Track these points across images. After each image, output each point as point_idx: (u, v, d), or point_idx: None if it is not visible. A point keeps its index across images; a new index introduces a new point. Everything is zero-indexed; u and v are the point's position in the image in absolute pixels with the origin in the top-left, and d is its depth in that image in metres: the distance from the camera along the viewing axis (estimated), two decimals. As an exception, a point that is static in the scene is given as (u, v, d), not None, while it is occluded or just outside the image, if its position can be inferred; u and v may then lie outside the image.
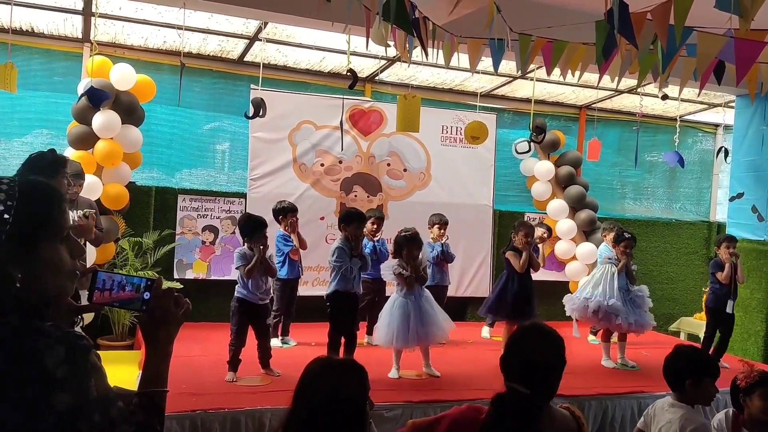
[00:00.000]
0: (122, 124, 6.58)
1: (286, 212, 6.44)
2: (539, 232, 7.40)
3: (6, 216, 1.38)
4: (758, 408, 3.23)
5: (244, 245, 5.45)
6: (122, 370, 5.20)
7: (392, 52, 6.50)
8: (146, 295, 1.63)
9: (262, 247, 5.25)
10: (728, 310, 6.74)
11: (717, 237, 7.93)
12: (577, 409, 2.21)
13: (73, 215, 4.61)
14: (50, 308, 1.61)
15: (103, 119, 6.43)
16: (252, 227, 5.34)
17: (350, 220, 5.55)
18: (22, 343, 1.34)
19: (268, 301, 5.50)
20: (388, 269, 5.69)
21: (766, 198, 7.64)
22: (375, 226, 6.72)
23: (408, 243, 5.59)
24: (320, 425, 1.96)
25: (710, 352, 6.39)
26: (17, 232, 1.39)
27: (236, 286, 5.39)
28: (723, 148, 8.34)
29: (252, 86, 7.38)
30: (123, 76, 6.59)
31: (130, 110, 6.70)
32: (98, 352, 1.46)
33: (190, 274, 7.47)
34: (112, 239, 6.58)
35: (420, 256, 5.70)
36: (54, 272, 1.46)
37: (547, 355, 2.18)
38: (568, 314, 6.71)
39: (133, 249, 6.84)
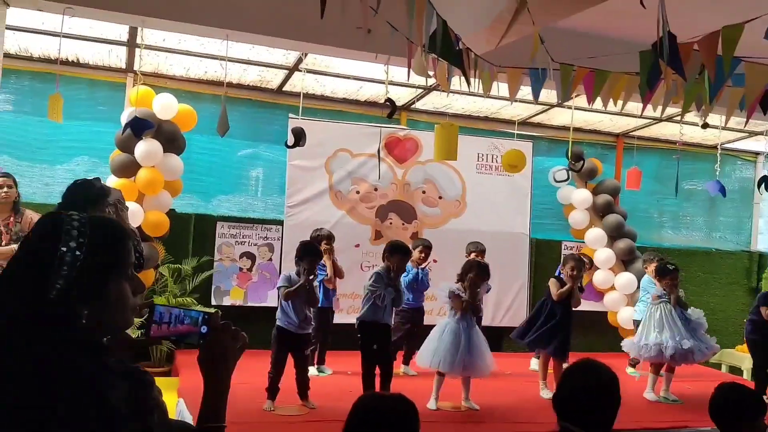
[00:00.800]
0: (164, 152, 6.70)
1: (320, 240, 6.46)
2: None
3: (78, 253, 1.40)
4: None
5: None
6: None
7: (430, 81, 6.54)
8: (203, 329, 1.64)
9: (307, 272, 5.23)
10: None
11: None
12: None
13: None
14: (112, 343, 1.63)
15: (145, 148, 6.55)
16: (304, 251, 5.34)
17: (395, 251, 5.54)
18: (87, 379, 1.34)
19: (309, 330, 5.46)
20: (443, 290, 5.66)
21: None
22: (423, 255, 6.71)
23: (477, 269, 5.58)
24: None
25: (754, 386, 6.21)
26: (88, 268, 1.40)
27: (277, 314, 5.35)
28: (765, 177, 8.18)
29: (290, 115, 7.47)
30: (165, 106, 6.72)
31: (171, 139, 6.82)
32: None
33: (227, 301, 7.52)
34: (152, 266, 6.66)
35: (480, 290, 5.67)
36: (121, 309, 1.47)
37: (603, 392, 2.13)
38: (634, 357, 6.53)
39: (173, 275, 6.92)
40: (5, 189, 5.29)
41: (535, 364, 7.46)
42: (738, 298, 9.89)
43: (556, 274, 6.69)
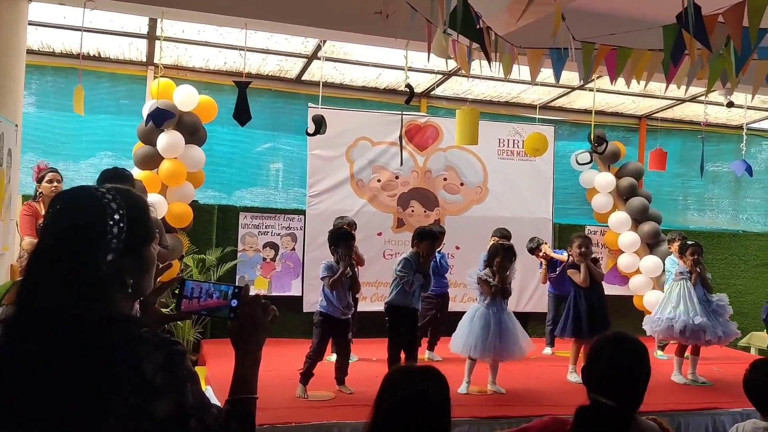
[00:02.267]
0: (185, 144, 6.74)
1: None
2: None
3: (122, 225, 1.44)
4: None
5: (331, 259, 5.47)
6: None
7: (450, 65, 6.51)
8: (234, 303, 1.64)
9: (346, 257, 5.28)
10: None
11: None
12: (665, 421, 2.13)
13: None
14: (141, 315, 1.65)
15: (168, 139, 6.59)
16: (337, 237, 5.39)
17: (424, 237, 5.57)
18: (123, 351, 1.35)
19: (350, 316, 5.49)
20: (472, 276, 5.66)
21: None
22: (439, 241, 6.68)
23: (503, 252, 5.57)
24: (409, 429, 1.93)
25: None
26: (131, 239, 1.45)
27: (320, 300, 5.40)
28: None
29: (310, 104, 7.48)
30: (186, 97, 6.76)
31: (193, 130, 6.85)
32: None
33: (252, 291, 7.47)
34: (176, 257, 6.72)
35: (510, 274, 5.65)
36: (151, 275, 1.54)
37: (634, 363, 2.11)
38: (649, 334, 6.46)
39: (197, 266, 6.98)
40: (55, 183, 5.51)
41: (548, 350, 7.45)
42: (767, 279, 9.75)
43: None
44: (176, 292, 1.66)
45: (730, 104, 7.38)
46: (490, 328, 5.39)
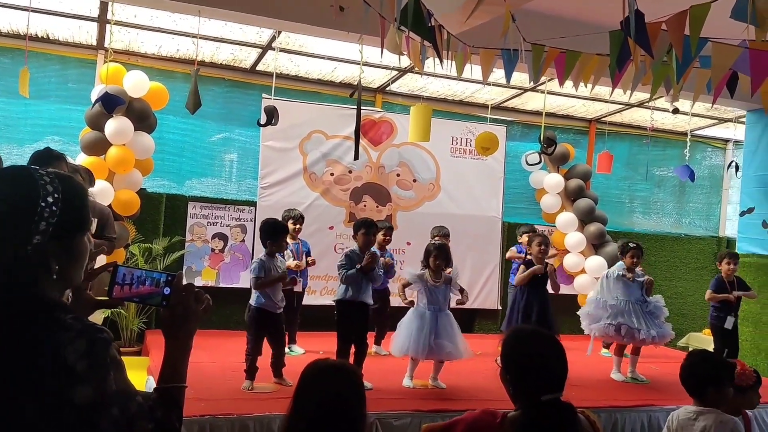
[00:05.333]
0: (135, 130, 6.62)
1: (287, 220, 6.49)
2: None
3: (54, 208, 1.40)
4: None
5: (262, 254, 5.40)
6: (130, 376, 5.17)
7: (405, 62, 6.54)
8: (166, 291, 1.63)
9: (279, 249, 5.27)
10: (727, 326, 6.72)
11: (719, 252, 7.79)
12: (592, 414, 2.18)
13: None
14: (71, 300, 1.63)
15: (116, 125, 6.47)
16: (271, 230, 5.32)
17: (356, 228, 5.59)
18: (44, 335, 1.33)
19: (282, 309, 5.45)
20: (409, 275, 5.73)
21: (777, 213, 7.61)
22: (386, 237, 6.69)
23: (435, 251, 5.62)
24: (319, 427, 1.97)
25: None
26: (62, 224, 1.42)
27: (254, 295, 5.30)
28: (734, 162, 8.35)
29: (264, 95, 7.43)
30: (136, 83, 6.64)
31: (142, 117, 6.74)
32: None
33: (199, 282, 7.48)
34: (122, 245, 6.60)
35: (452, 273, 5.70)
36: (81, 265, 1.50)
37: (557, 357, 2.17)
38: (587, 333, 6.59)
39: (143, 255, 6.87)
40: None
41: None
42: (706, 282, 9.93)
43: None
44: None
45: (676, 111, 7.60)
46: (425, 327, 5.43)
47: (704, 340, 8.84)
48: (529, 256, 6.42)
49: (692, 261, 10.08)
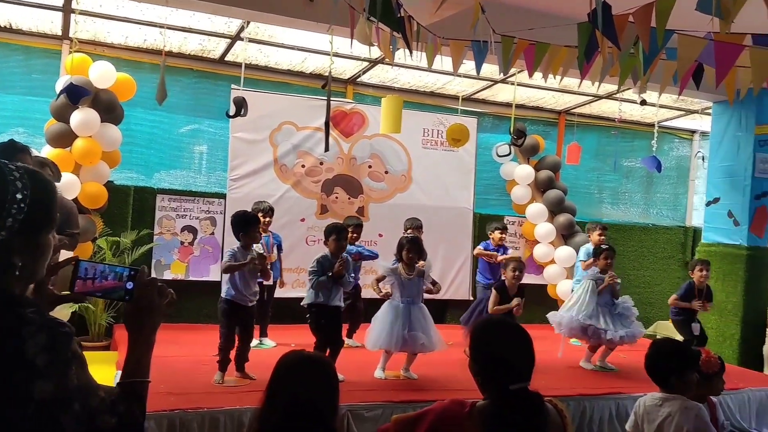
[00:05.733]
0: (101, 122, 6.51)
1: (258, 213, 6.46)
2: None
3: (23, 205, 1.39)
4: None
5: (235, 247, 5.34)
6: (99, 371, 5.08)
7: (375, 53, 6.52)
8: (129, 285, 1.61)
9: (257, 256, 5.19)
10: (695, 332, 6.84)
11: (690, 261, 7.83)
12: (559, 402, 2.21)
13: None
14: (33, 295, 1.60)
15: (82, 117, 6.35)
16: (242, 222, 5.26)
17: (326, 235, 5.53)
18: (5, 330, 1.31)
19: (255, 303, 5.41)
20: (383, 269, 5.73)
21: (742, 203, 7.76)
22: (354, 234, 6.62)
23: (408, 244, 5.63)
24: (292, 419, 1.96)
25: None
26: (29, 221, 1.40)
27: (224, 287, 5.26)
28: (700, 153, 8.50)
29: (233, 86, 7.35)
30: (103, 74, 6.52)
31: (109, 108, 6.62)
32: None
33: (168, 275, 7.40)
34: (89, 238, 6.50)
35: (425, 266, 5.70)
36: (44, 262, 1.48)
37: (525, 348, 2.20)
38: (557, 332, 6.64)
39: (111, 248, 6.77)
40: None
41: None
42: (673, 272, 10.24)
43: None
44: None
45: (643, 102, 7.70)
46: (398, 320, 5.45)
47: (671, 328, 8.97)
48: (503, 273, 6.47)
49: (659, 250, 10.23)
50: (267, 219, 6.50)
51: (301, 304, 5.55)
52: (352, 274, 5.76)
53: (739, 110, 7.76)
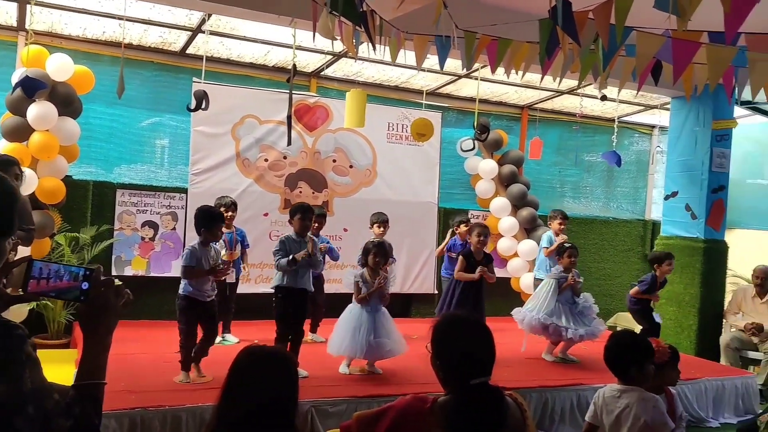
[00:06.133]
0: (59, 116, 6.36)
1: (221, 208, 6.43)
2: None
3: None
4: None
5: (195, 242, 5.27)
6: (57, 370, 4.98)
7: (338, 46, 6.49)
8: (85, 285, 1.58)
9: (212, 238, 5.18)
10: (658, 320, 7.01)
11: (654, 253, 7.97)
12: (519, 396, 2.23)
13: None
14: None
15: (39, 110, 6.20)
16: (205, 218, 5.18)
17: (291, 214, 5.53)
18: None
19: (214, 297, 5.34)
20: (349, 276, 5.70)
21: (699, 196, 7.92)
22: (316, 224, 6.59)
23: (375, 249, 5.62)
24: (250, 415, 1.94)
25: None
26: None
27: (182, 283, 5.17)
28: (659, 148, 8.66)
29: (194, 79, 7.25)
30: (60, 67, 6.37)
31: (67, 102, 6.48)
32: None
33: (129, 271, 7.29)
34: (47, 234, 6.36)
35: (389, 272, 5.70)
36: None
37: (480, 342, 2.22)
38: (520, 328, 6.70)
39: (70, 244, 6.64)
40: None
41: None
42: (633, 264, 10.43)
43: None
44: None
45: (604, 98, 7.80)
46: (363, 327, 5.44)
47: (631, 319, 9.15)
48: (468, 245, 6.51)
49: (620, 243, 10.41)
50: (230, 214, 6.44)
51: (270, 287, 5.55)
52: (320, 257, 5.75)
53: (697, 106, 7.92)
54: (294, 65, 5.60)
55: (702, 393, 6.14)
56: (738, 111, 8.68)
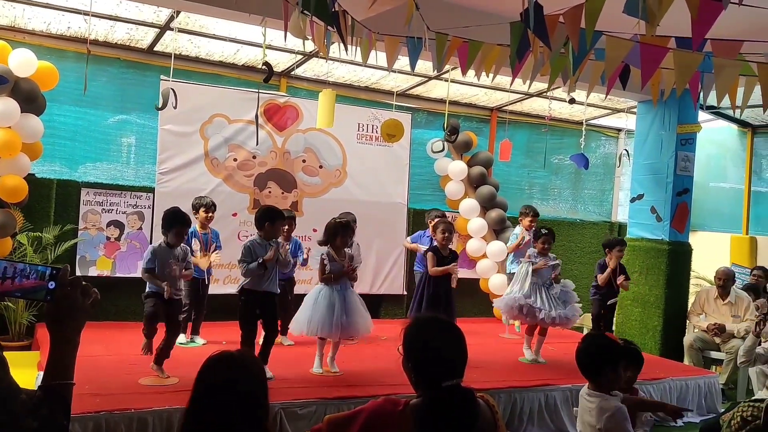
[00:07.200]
0: (21, 112, 6.23)
1: (198, 208, 6.39)
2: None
3: None
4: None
5: (159, 241, 5.19)
6: (19, 373, 4.88)
7: (309, 46, 6.46)
8: (51, 285, 1.55)
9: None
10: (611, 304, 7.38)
11: (608, 238, 8.18)
12: (491, 398, 2.24)
13: None
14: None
15: (0, 106, 6.06)
16: (176, 221, 5.10)
17: (260, 219, 5.39)
18: None
19: (181, 296, 5.27)
20: (315, 258, 5.68)
21: (664, 199, 8.05)
22: (285, 227, 6.54)
23: (342, 229, 5.58)
24: (220, 418, 1.93)
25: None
26: None
27: (148, 284, 5.12)
28: (625, 151, 8.78)
29: (162, 77, 7.15)
30: (23, 62, 6.23)
31: (30, 98, 6.33)
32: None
33: (93, 271, 7.16)
34: (9, 233, 6.22)
35: (354, 252, 5.70)
36: None
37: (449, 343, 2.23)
38: (495, 306, 6.79)
39: (32, 244, 6.51)
40: None
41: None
42: (599, 266, 10.54)
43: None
44: None
45: (572, 101, 7.90)
46: (335, 306, 5.43)
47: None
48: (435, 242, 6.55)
49: (587, 245, 10.53)
50: (209, 215, 6.42)
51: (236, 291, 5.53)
52: (288, 258, 5.69)
53: (663, 110, 8.05)
54: (270, 65, 5.55)
55: (666, 392, 6.24)
56: (702, 116, 8.85)
